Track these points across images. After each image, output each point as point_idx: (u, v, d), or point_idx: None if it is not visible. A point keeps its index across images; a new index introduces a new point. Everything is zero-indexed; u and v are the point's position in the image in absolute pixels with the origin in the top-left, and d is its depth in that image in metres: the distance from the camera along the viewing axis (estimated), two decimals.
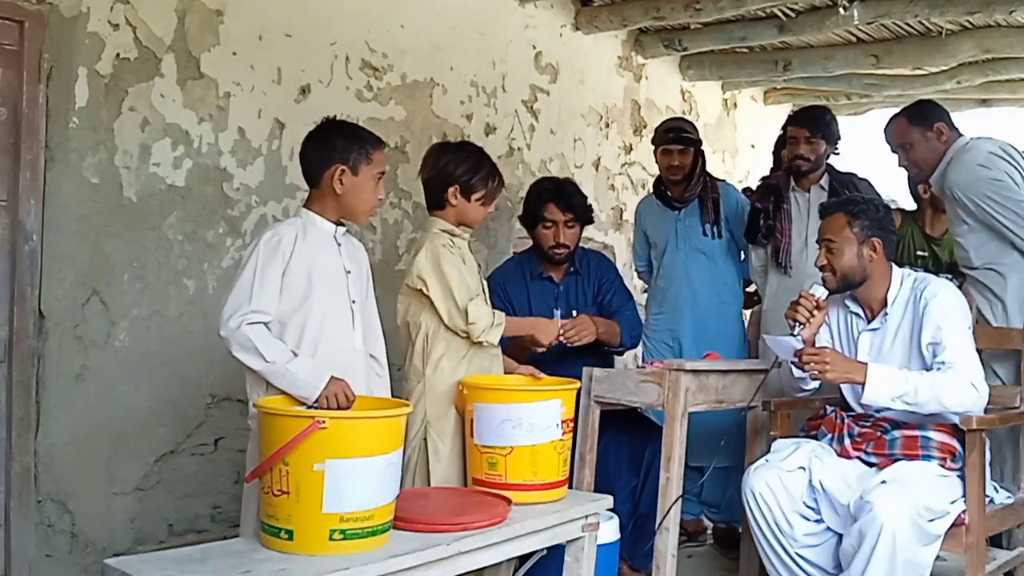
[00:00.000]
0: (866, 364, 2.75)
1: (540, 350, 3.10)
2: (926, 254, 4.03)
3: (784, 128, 4.05)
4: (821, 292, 2.92)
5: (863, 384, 2.71)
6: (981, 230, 3.18)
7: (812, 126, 3.86)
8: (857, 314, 2.98)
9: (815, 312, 2.91)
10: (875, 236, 2.87)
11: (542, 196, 3.49)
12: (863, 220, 2.88)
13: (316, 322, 2.46)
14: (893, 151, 3.42)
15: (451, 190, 2.86)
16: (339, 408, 2.37)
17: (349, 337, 2.54)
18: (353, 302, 2.56)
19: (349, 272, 2.57)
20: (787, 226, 3.88)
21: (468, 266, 2.89)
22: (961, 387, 2.68)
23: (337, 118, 2.64)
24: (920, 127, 3.31)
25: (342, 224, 2.60)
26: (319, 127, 2.59)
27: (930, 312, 2.80)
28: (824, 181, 3.89)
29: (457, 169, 2.86)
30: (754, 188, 4.55)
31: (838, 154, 3.97)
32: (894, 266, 2.96)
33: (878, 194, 3.96)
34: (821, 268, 2.94)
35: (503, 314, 2.84)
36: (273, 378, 2.38)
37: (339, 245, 2.57)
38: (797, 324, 2.91)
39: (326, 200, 2.54)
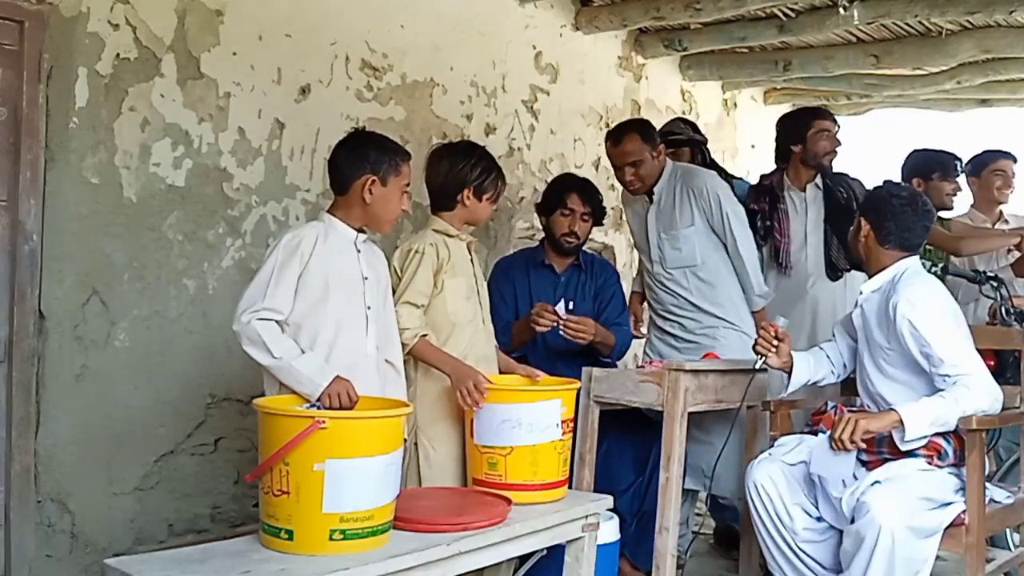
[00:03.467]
0: (896, 411, 2.69)
1: (542, 330, 3.25)
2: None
3: (807, 123, 3.93)
4: (782, 322, 3.00)
5: (902, 426, 2.66)
6: (708, 235, 3.61)
7: (834, 119, 3.94)
8: None
9: (775, 343, 2.96)
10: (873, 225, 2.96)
11: (566, 185, 3.61)
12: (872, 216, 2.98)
13: (331, 325, 2.49)
14: (621, 167, 3.66)
15: (465, 192, 2.90)
16: (341, 407, 2.38)
17: (362, 342, 2.56)
18: (369, 308, 2.58)
19: (367, 279, 2.59)
20: (785, 226, 3.88)
21: (458, 267, 2.88)
22: (981, 396, 2.69)
23: (367, 129, 2.70)
24: (649, 145, 3.62)
25: (363, 231, 2.64)
26: (351, 136, 2.65)
27: (901, 320, 2.76)
28: (819, 180, 3.90)
29: (472, 172, 2.90)
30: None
31: None
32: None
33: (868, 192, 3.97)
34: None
35: (417, 335, 2.74)
36: (279, 373, 2.41)
37: (359, 252, 2.61)
38: (760, 357, 2.97)
39: (352, 208, 2.58)
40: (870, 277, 2.97)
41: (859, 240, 2.97)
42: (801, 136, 3.88)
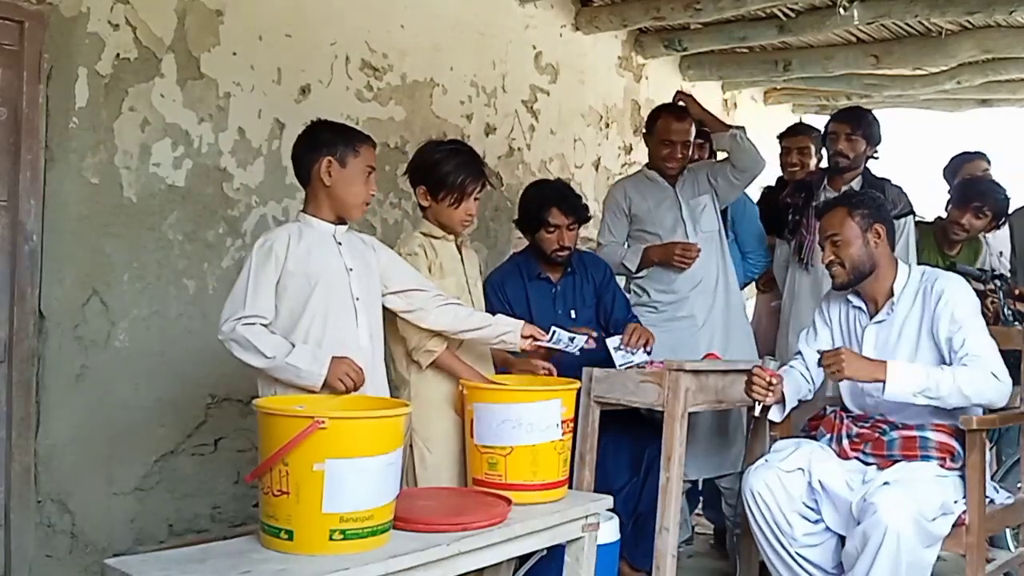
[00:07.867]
0: (885, 362, 2.71)
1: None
2: None
3: (826, 126, 3.92)
4: (772, 365, 2.91)
5: (884, 381, 2.67)
6: None
7: (854, 123, 3.78)
8: (860, 308, 2.96)
9: (770, 387, 2.87)
10: (877, 223, 2.87)
11: (544, 201, 3.35)
12: (863, 209, 2.88)
13: (320, 322, 2.46)
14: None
15: (419, 191, 2.86)
16: (353, 389, 2.38)
17: (353, 335, 2.53)
18: (357, 299, 2.54)
19: (351, 270, 2.55)
20: (813, 223, 3.84)
21: (447, 268, 2.85)
22: (983, 378, 2.66)
23: (324, 119, 2.63)
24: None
25: (343, 223, 2.60)
26: (307, 127, 2.60)
27: (944, 305, 2.77)
28: (857, 183, 3.80)
29: (420, 167, 2.86)
30: (774, 184, 4.55)
31: (876, 158, 3.89)
32: (898, 259, 2.96)
33: (910, 202, 3.88)
34: (829, 265, 2.91)
35: (442, 344, 2.75)
36: (276, 372, 2.39)
37: (339, 244, 2.56)
38: (757, 403, 2.90)
39: (319, 198, 2.54)
40: (871, 286, 2.89)
41: (869, 247, 2.86)
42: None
